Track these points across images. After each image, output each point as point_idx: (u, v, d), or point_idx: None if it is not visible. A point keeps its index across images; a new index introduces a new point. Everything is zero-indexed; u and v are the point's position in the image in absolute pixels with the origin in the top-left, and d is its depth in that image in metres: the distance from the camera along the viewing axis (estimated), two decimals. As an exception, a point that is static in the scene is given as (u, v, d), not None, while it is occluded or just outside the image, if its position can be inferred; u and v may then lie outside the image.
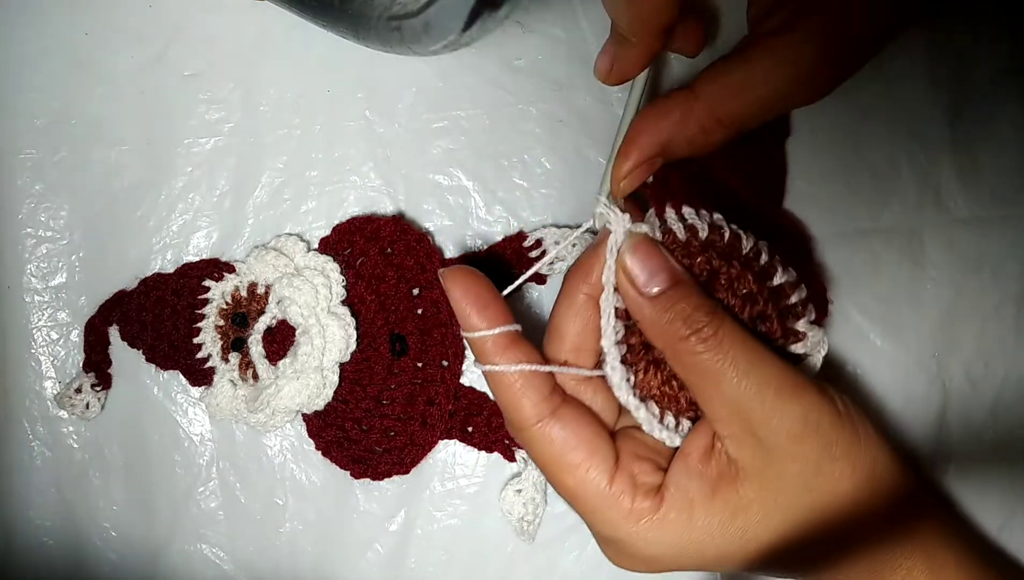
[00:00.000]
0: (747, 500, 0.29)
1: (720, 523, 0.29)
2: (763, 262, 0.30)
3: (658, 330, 0.28)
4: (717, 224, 0.30)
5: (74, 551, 0.42)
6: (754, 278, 0.30)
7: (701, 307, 0.28)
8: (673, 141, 0.30)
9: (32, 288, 0.42)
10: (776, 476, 0.29)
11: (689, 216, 0.30)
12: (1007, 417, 0.39)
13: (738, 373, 0.28)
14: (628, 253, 0.29)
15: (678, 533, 0.29)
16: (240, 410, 0.39)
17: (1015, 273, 0.39)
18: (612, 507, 0.29)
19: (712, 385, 0.28)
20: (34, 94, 0.41)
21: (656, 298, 0.28)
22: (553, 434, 0.30)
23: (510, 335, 0.30)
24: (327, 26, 0.36)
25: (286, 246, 0.40)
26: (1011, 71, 0.39)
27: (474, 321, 0.30)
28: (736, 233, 0.30)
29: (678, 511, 0.29)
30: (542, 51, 0.40)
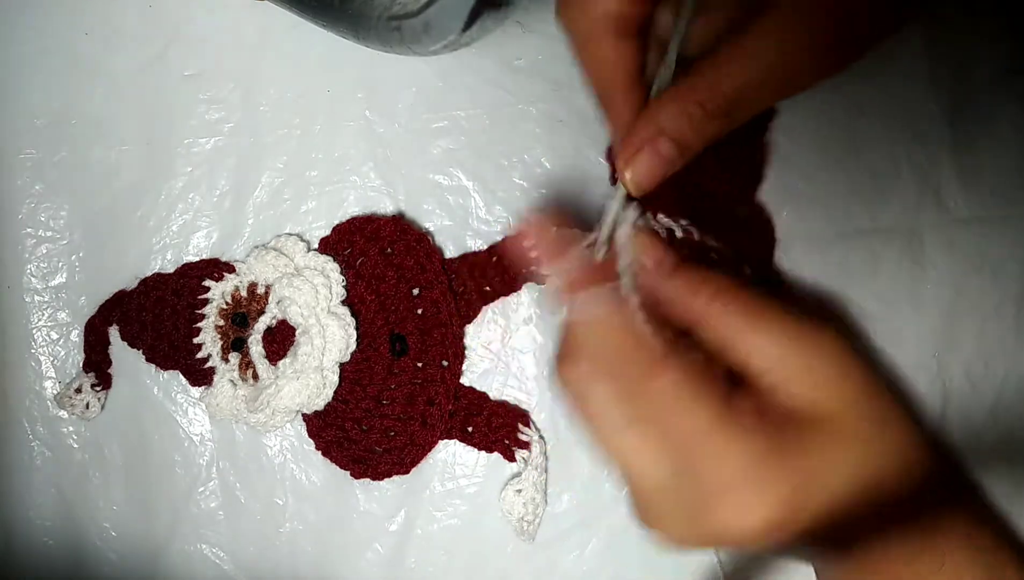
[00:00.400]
0: (812, 443, 0.28)
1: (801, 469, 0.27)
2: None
3: (684, 303, 0.29)
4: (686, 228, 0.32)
5: (74, 551, 0.42)
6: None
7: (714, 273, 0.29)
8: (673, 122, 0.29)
9: (32, 288, 0.42)
10: (838, 422, 0.28)
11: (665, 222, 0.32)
12: (1007, 417, 0.39)
13: (773, 317, 0.28)
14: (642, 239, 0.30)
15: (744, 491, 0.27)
16: (240, 410, 0.39)
17: (1015, 273, 0.39)
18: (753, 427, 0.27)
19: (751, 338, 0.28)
20: (34, 94, 0.41)
21: (674, 274, 0.29)
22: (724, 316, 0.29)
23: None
24: (327, 26, 0.36)
25: (286, 246, 0.40)
26: (1011, 71, 0.38)
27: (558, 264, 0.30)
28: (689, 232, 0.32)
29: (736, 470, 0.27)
30: (542, 51, 0.40)
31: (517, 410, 0.40)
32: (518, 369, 0.40)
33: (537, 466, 0.39)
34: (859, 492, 0.28)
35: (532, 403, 0.40)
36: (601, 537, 0.40)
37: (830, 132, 0.39)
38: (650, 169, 0.30)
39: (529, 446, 0.39)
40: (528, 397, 0.40)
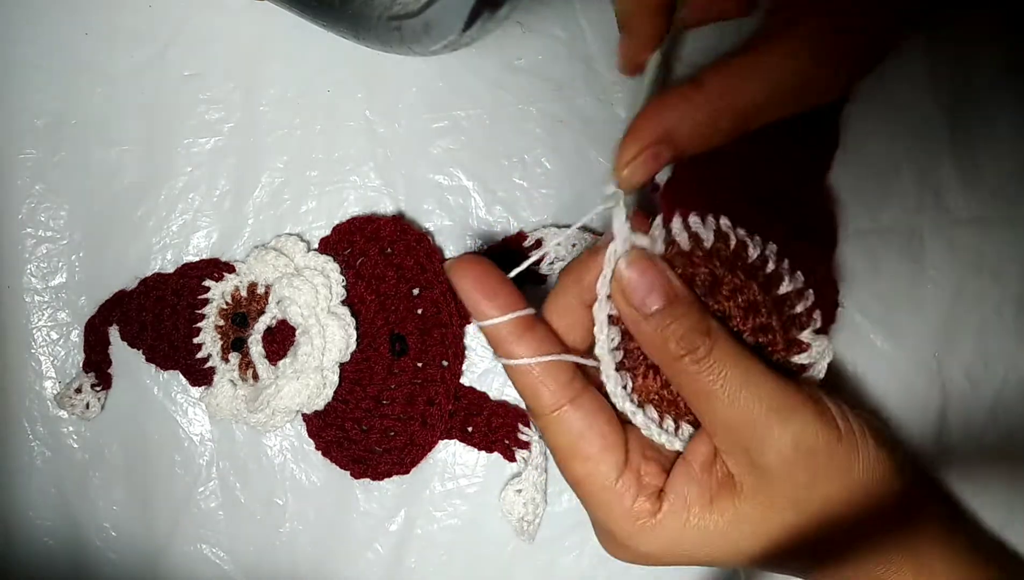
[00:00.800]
0: (743, 514, 0.29)
1: (714, 530, 0.30)
2: (769, 270, 0.30)
3: (653, 347, 0.29)
4: (723, 231, 0.30)
5: (74, 551, 0.42)
6: (759, 288, 0.29)
7: (696, 327, 0.28)
8: (678, 129, 0.29)
9: (32, 288, 0.42)
10: (768, 495, 0.29)
11: (694, 225, 0.30)
12: (1007, 417, 0.39)
13: (730, 394, 0.28)
14: (625, 268, 0.28)
15: (671, 536, 0.30)
16: (240, 410, 0.39)
17: (1015, 274, 0.39)
18: (614, 503, 0.30)
19: (706, 403, 0.28)
20: (34, 94, 0.41)
21: (652, 316, 0.28)
22: (571, 422, 0.30)
23: (525, 320, 0.29)
24: (327, 26, 0.36)
25: (286, 246, 0.40)
26: (1011, 71, 0.38)
27: (485, 309, 0.29)
28: (742, 241, 0.30)
29: (674, 517, 0.30)
30: (542, 51, 0.40)
31: (517, 410, 0.40)
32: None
33: (537, 466, 0.39)
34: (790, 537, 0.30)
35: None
36: (601, 537, 0.40)
37: (830, 132, 0.39)
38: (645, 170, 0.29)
39: (529, 446, 0.39)
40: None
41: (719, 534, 0.30)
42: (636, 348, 0.30)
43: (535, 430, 0.39)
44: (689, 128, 0.28)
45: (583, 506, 0.31)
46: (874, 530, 0.30)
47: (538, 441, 0.39)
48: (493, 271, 0.30)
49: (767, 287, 0.30)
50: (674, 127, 0.29)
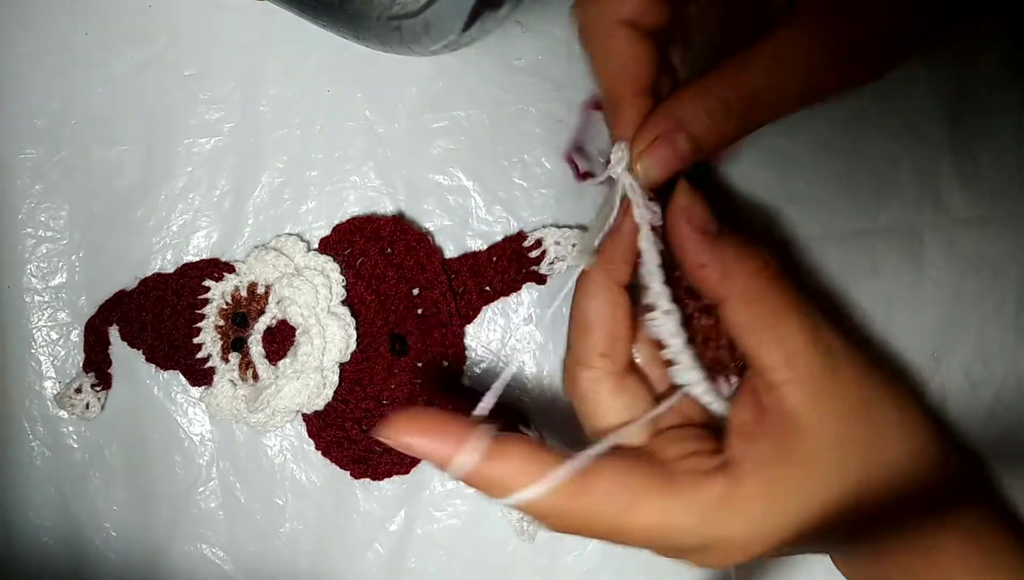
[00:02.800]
0: (813, 450, 0.28)
1: (799, 480, 0.28)
2: None
3: (720, 272, 0.28)
4: None
5: (74, 551, 0.42)
6: None
7: (759, 247, 0.28)
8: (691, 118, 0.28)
9: (32, 288, 0.42)
10: (835, 428, 0.28)
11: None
12: (1007, 417, 0.39)
13: (799, 309, 0.28)
14: (683, 196, 0.29)
15: (765, 504, 0.28)
16: (240, 410, 0.39)
17: (1015, 274, 0.39)
18: (689, 511, 0.27)
19: (777, 325, 0.28)
20: (34, 94, 0.41)
21: (719, 238, 0.28)
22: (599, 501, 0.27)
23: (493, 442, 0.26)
24: (327, 26, 0.36)
25: (286, 246, 0.40)
26: (1011, 71, 0.38)
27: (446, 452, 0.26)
28: None
29: (756, 478, 0.27)
30: (542, 51, 0.40)
31: (517, 412, 0.40)
32: (518, 369, 0.40)
33: (537, 466, 0.39)
34: (855, 497, 0.29)
35: (532, 403, 0.40)
36: (601, 537, 0.40)
37: (830, 133, 0.39)
38: (663, 162, 0.29)
39: (529, 446, 0.39)
40: (528, 397, 0.40)
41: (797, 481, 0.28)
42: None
43: (535, 430, 0.39)
44: (702, 118, 0.28)
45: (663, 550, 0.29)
46: (934, 499, 0.30)
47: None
48: (430, 415, 0.27)
49: None
50: (687, 117, 0.28)
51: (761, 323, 0.28)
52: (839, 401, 0.28)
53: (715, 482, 0.27)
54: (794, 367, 0.28)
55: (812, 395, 0.28)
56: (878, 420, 0.29)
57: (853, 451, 0.28)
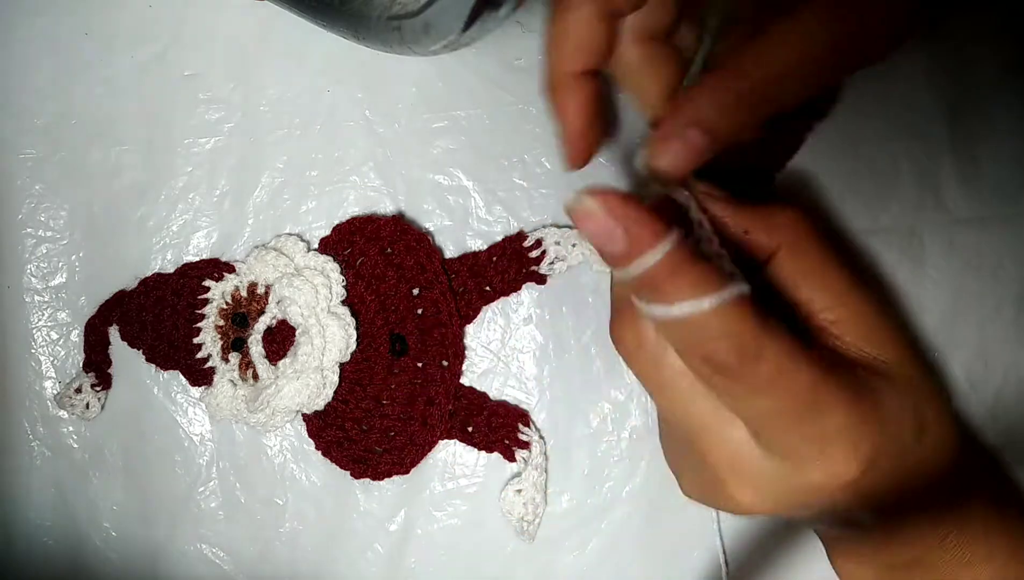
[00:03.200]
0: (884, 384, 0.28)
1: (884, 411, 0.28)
2: None
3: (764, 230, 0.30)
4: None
5: (74, 551, 0.42)
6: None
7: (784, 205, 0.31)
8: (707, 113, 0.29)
9: (32, 288, 0.42)
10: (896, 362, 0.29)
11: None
12: (1007, 417, 0.39)
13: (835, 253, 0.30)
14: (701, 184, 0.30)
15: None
16: (240, 410, 0.39)
17: (1015, 273, 0.39)
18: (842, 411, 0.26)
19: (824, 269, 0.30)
20: (34, 94, 0.41)
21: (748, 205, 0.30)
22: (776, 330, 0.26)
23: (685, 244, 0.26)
24: (327, 26, 0.36)
25: (286, 246, 0.40)
26: (1011, 71, 0.38)
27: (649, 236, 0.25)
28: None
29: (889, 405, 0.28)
30: (542, 51, 0.40)
31: (517, 410, 0.40)
32: (518, 369, 0.40)
33: (537, 466, 0.39)
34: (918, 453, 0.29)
35: (532, 403, 0.40)
36: (600, 537, 0.40)
37: (830, 133, 0.39)
38: (679, 159, 0.29)
39: (529, 446, 0.39)
40: (528, 397, 0.40)
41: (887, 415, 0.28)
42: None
43: (535, 430, 0.39)
44: (717, 112, 0.28)
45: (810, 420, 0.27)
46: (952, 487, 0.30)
47: (538, 441, 0.39)
48: (628, 199, 0.25)
49: None
50: (702, 112, 0.29)
51: (813, 270, 0.30)
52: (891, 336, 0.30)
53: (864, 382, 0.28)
54: (848, 304, 0.29)
55: (869, 328, 0.29)
56: (924, 372, 0.30)
57: (914, 404, 0.29)
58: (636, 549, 0.40)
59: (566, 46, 0.31)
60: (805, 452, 0.27)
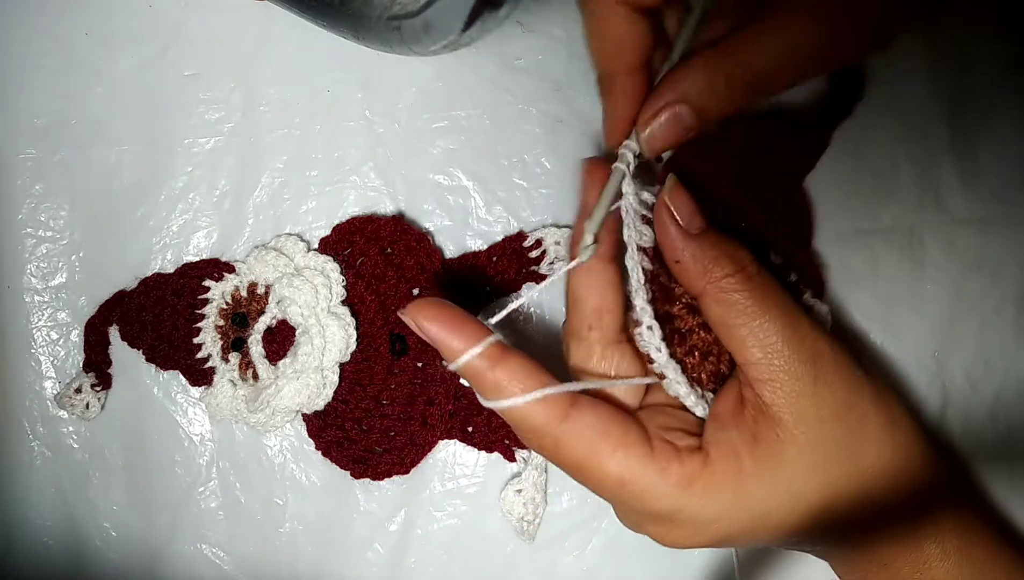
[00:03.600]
0: (787, 444, 0.29)
1: (768, 471, 0.29)
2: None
3: (699, 269, 0.29)
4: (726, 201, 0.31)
5: (74, 551, 0.42)
6: None
7: (741, 247, 0.29)
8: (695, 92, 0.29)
9: (32, 288, 0.42)
10: (815, 420, 0.29)
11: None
12: (1007, 417, 0.39)
13: (780, 309, 0.28)
14: (669, 193, 0.29)
15: (731, 489, 0.29)
16: (240, 410, 0.39)
17: (1015, 273, 0.39)
18: (661, 477, 0.28)
19: (752, 323, 0.28)
20: (34, 94, 0.41)
21: (699, 236, 0.29)
22: (581, 425, 0.28)
23: (498, 347, 0.28)
24: (327, 26, 0.36)
25: (286, 246, 0.40)
26: (1011, 70, 0.38)
27: (456, 345, 0.28)
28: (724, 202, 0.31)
29: (725, 462, 0.29)
30: (542, 51, 0.40)
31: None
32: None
33: (537, 466, 0.39)
34: (837, 499, 0.29)
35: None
36: (601, 537, 0.40)
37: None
38: (666, 133, 0.30)
39: (529, 446, 0.39)
40: (528, 397, 0.40)
41: (775, 475, 0.29)
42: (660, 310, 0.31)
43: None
44: (706, 91, 0.29)
45: (629, 508, 0.30)
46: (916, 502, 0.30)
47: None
48: (451, 309, 0.29)
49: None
50: (691, 90, 0.29)
51: (737, 321, 0.28)
52: (818, 406, 0.29)
53: (689, 459, 0.29)
54: (772, 367, 0.28)
55: (790, 397, 0.28)
56: (863, 425, 0.29)
57: (834, 454, 0.29)
58: (636, 549, 0.40)
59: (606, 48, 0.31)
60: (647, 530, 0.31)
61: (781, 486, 0.29)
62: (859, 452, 0.29)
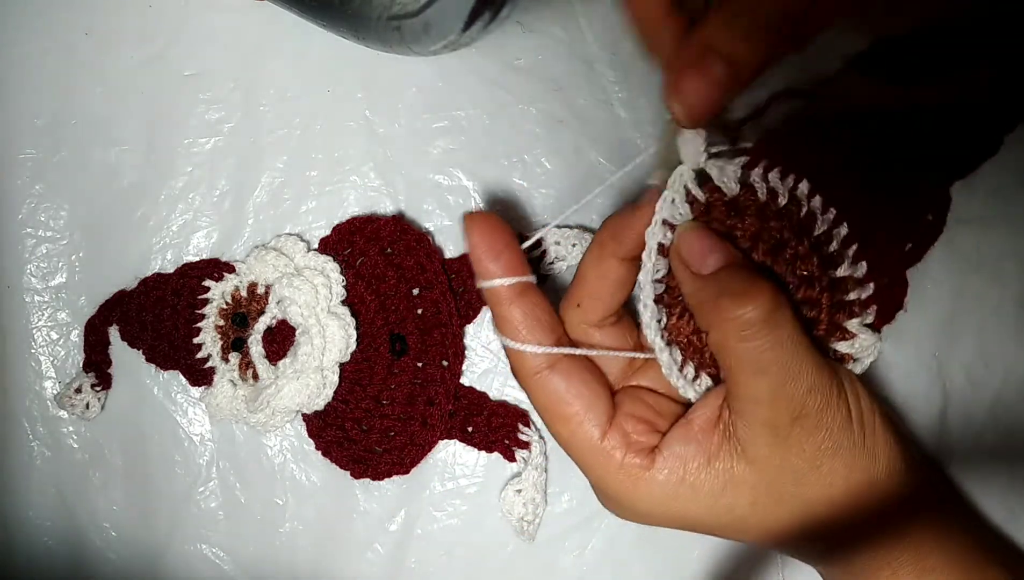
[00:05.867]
0: (740, 479, 0.29)
1: (709, 494, 0.30)
2: (832, 249, 0.29)
3: (702, 312, 0.29)
4: (798, 196, 0.29)
5: (74, 551, 0.42)
6: (818, 262, 0.29)
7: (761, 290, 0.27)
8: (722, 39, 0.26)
9: (32, 288, 0.42)
10: (777, 466, 0.29)
11: (773, 180, 0.29)
12: (1007, 417, 0.39)
13: (778, 366, 0.27)
14: (681, 233, 0.29)
15: (664, 493, 0.30)
16: (240, 410, 0.39)
17: (1015, 273, 0.39)
18: (602, 460, 0.31)
19: (747, 371, 0.28)
20: (34, 94, 0.41)
21: (710, 278, 0.28)
22: (551, 385, 0.31)
23: (524, 285, 0.31)
24: (327, 26, 0.36)
25: (286, 246, 0.40)
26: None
27: (487, 267, 0.31)
28: (812, 212, 0.29)
29: (668, 473, 0.30)
30: (542, 51, 0.40)
31: (517, 410, 0.40)
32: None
33: (537, 466, 0.39)
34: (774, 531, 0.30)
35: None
36: (601, 537, 0.40)
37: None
38: (701, 94, 0.26)
39: (529, 446, 0.39)
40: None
41: (712, 495, 0.30)
42: (677, 287, 0.31)
43: (535, 430, 0.39)
44: (734, 36, 0.26)
45: (578, 467, 0.32)
46: (875, 524, 0.30)
47: (538, 441, 0.39)
48: (503, 231, 0.31)
49: (826, 264, 0.29)
50: (719, 41, 0.26)
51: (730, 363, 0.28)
52: (784, 456, 0.29)
53: (633, 457, 0.30)
54: (753, 414, 0.28)
55: (759, 440, 0.29)
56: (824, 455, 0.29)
57: (785, 498, 0.29)
58: (636, 549, 0.40)
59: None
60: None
61: (720, 509, 0.30)
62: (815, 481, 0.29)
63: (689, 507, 0.30)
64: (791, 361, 0.28)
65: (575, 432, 0.31)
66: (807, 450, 0.29)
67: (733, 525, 0.30)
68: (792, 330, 0.28)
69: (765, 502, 0.29)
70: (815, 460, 0.29)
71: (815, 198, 0.29)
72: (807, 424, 0.28)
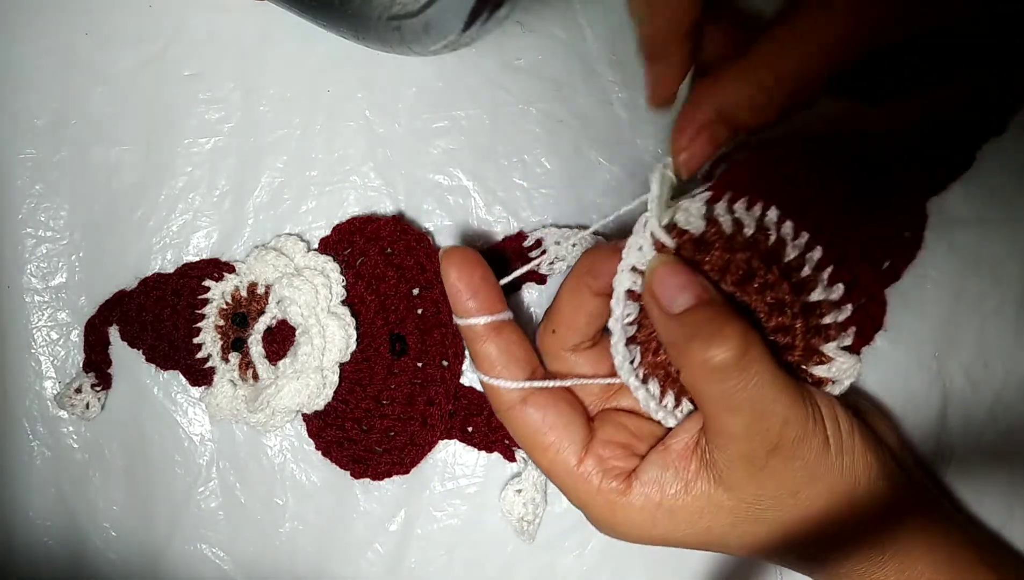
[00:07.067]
0: (717, 504, 0.30)
1: (687, 518, 0.30)
2: (804, 274, 0.29)
3: (674, 349, 0.28)
4: (765, 225, 0.29)
5: (74, 551, 0.42)
6: (789, 288, 0.29)
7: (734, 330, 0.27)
8: (730, 105, 0.28)
9: (32, 288, 0.42)
10: (754, 493, 0.29)
11: (738, 210, 0.29)
12: (1007, 417, 0.39)
13: (750, 405, 0.27)
14: (652, 270, 0.29)
15: (643, 518, 0.30)
16: (240, 410, 0.39)
17: (1015, 274, 0.39)
18: (582, 485, 0.31)
19: (720, 411, 0.28)
20: (34, 94, 0.41)
21: (680, 317, 0.28)
22: (526, 417, 0.32)
23: (497, 322, 0.32)
24: (327, 26, 0.36)
25: (286, 246, 0.40)
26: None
27: (470, 306, 0.31)
28: (782, 238, 0.29)
29: (646, 499, 0.30)
30: (542, 51, 0.40)
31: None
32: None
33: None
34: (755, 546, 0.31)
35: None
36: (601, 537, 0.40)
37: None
38: (703, 154, 0.29)
39: (529, 446, 0.39)
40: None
41: (690, 519, 0.30)
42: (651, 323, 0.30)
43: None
44: (741, 103, 0.28)
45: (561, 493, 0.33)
46: (858, 534, 0.30)
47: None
48: (480, 267, 0.31)
49: (798, 290, 0.29)
50: (726, 104, 0.28)
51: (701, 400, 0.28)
52: (761, 485, 0.29)
53: (610, 481, 0.31)
54: (728, 448, 0.29)
55: (736, 469, 0.29)
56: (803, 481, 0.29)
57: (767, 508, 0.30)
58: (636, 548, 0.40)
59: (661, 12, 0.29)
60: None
61: (698, 531, 0.30)
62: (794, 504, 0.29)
63: (668, 529, 0.30)
64: (763, 399, 0.27)
65: (553, 460, 0.32)
66: (785, 479, 0.29)
67: (714, 543, 0.31)
68: (764, 368, 0.27)
69: (744, 523, 0.30)
70: (792, 487, 0.29)
71: (785, 224, 0.29)
72: (783, 455, 0.28)
